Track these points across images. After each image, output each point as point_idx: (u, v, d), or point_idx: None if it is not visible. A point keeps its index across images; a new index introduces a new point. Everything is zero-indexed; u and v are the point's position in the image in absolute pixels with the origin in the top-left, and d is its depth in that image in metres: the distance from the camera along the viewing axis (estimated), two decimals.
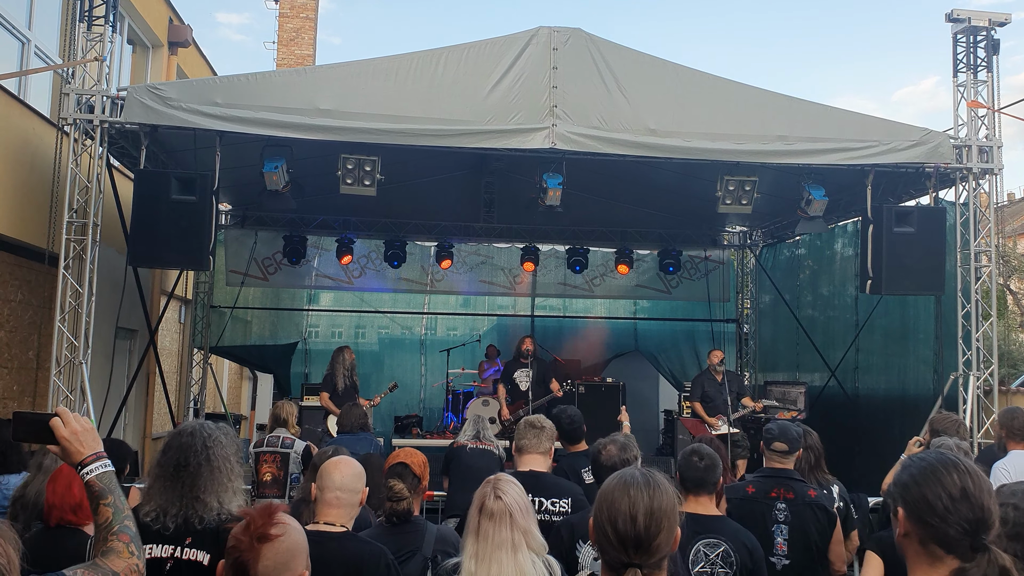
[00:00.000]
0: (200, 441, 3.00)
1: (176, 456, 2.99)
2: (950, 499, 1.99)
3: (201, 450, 2.98)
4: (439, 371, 13.43)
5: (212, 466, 2.98)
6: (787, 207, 10.65)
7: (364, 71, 8.12)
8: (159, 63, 13.00)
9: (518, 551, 2.92)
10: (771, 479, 4.62)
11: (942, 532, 2.00)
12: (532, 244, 13.39)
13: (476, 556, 2.92)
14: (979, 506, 1.99)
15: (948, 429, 5.60)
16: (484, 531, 2.94)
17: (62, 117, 8.12)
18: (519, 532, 2.93)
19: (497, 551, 2.90)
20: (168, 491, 2.96)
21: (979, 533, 1.98)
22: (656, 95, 8.41)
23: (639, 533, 2.11)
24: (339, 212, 12.74)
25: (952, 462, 2.06)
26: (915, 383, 10.39)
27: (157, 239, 7.87)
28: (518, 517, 2.96)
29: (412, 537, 3.65)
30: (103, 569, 2.25)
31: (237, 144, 8.27)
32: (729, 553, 3.80)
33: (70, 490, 3.36)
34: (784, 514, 4.46)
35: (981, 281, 9.11)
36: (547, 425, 4.63)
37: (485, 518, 2.95)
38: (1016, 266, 26.74)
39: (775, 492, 4.53)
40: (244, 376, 20.76)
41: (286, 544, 2.13)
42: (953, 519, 1.98)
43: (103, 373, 8.98)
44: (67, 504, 3.35)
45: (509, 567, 2.88)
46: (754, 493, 4.59)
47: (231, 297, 13.21)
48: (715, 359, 10.51)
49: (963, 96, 9.19)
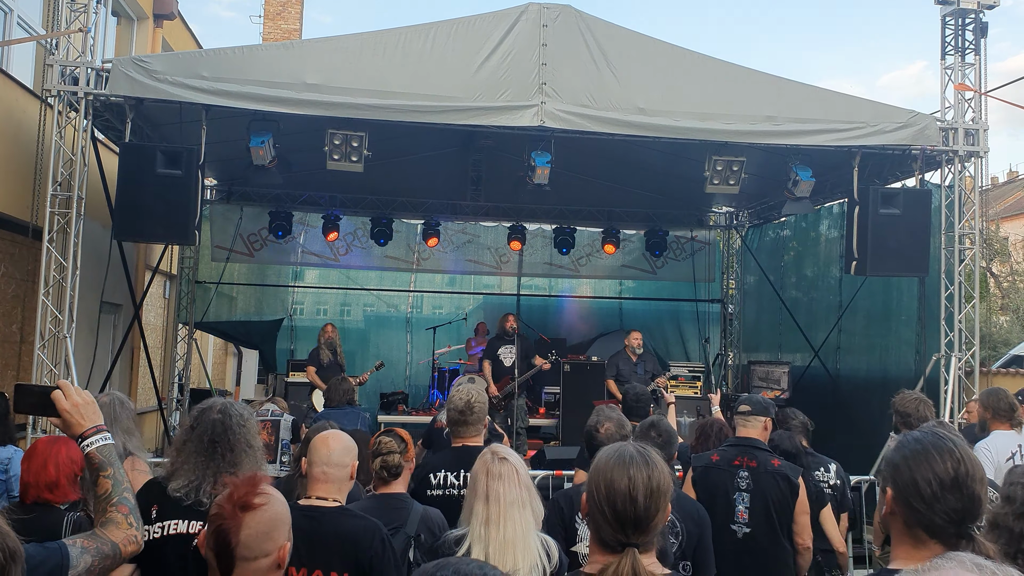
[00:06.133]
0: (233, 419, 3.03)
1: (211, 431, 3.01)
2: (940, 486, 1.97)
3: (236, 428, 3.01)
4: (425, 349, 13.45)
5: (244, 443, 3.01)
6: (774, 188, 10.69)
7: (352, 46, 8.06)
8: (144, 35, 12.85)
9: (525, 508, 3.00)
10: (735, 447, 4.65)
11: (927, 518, 1.98)
12: (519, 223, 13.39)
13: (487, 521, 2.96)
14: (968, 495, 1.97)
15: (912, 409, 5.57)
16: (495, 492, 2.99)
17: (46, 89, 8.03)
18: (525, 489, 3.03)
19: (510, 509, 2.97)
20: (202, 467, 2.97)
21: (965, 522, 1.97)
22: (646, 74, 8.39)
23: (639, 513, 2.11)
24: (325, 188, 12.69)
25: (947, 448, 2.03)
26: (897, 364, 10.48)
27: (142, 213, 7.81)
28: (523, 475, 3.07)
29: (398, 513, 3.66)
30: (102, 539, 2.27)
31: (223, 118, 8.20)
32: (675, 523, 3.78)
33: (45, 468, 3.35)
34: (746, 482, 4.48)
35: (964, 264, 9.18)
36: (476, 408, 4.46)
37: (493, 480, 3.02)
38: (998, 249, 26.98)
39: (738, 460, 4.55)
40: (229, 352, 20.72)
41: (268, 514, 2.13)
42: (939, 507, 1.97)
43: (87, 347, 8.94)
44: (43, 482, 3.35)
45: (521, 526, 2.94)
46: (718, 461, 4.62)
47: (216, 272, 13.15)
48: (633, 340, 10.74)
49: (950, 79, 9.22)
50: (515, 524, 2.94)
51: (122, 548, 2.29)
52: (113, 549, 2.26)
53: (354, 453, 3.37)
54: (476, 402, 4.45)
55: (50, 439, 3.48)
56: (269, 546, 2.11)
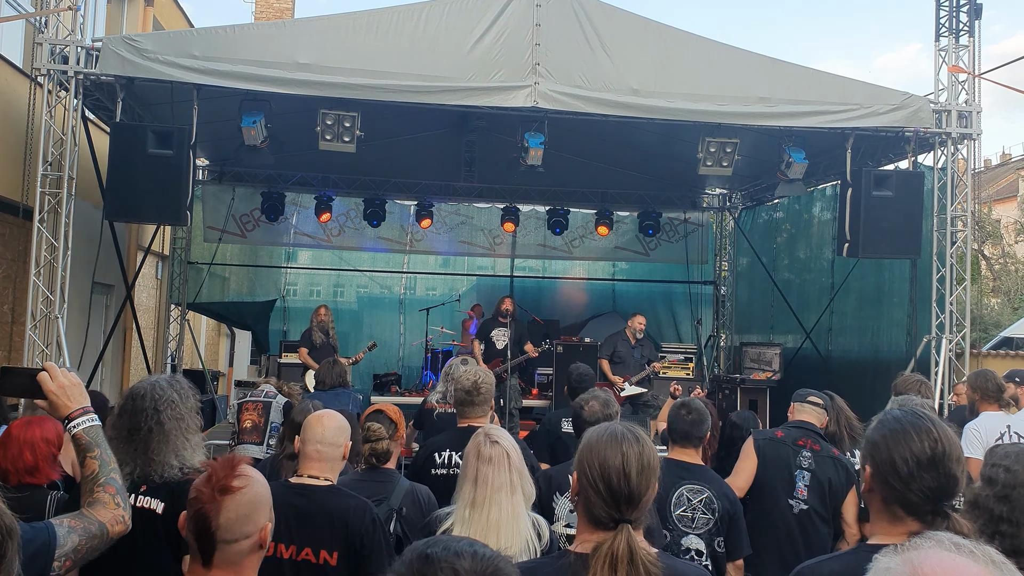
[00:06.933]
0: (151, 404, 2.95)
1: (128, 420, 2.97)
2: (916, 464, 2.01)
3: (152, 414, 2.94)
4: (418, 330, 13.45)
5: (164, 428, 2.94)
6: (767, 169, 10.69)
7: (344, 25, 8.01)
8: (135, 14, 12.76)
9: (515, 493, 3.00)
10: (799, 429, 4.77)
11: (904, 495, 2.03)
12: (512, 204, 13.37)
13: (472, 503, 2.97)
14: (944, 474, 2.01)
15: (911, 389, 5.70)
16: (483, 476, 2.99)
17: (35, 68, 7.97)
18: (516, 473, 3.02)
19: (497, 494, 2.97)
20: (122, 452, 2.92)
21: (940, 500, 2.01)
22: (639, 55, 8.36)
23: (632, 490, 2.13)
24: (318, 169, 12.64)
25: (925, 427, 2.06)
26: (888, 345, 10.53)
27: (134, 193, 7.79)
28: (515, 459, 3.06)
29: (383, 487, 3.69)
30: (89, 519, 2.27)
31: (215, 98, 8.16)
32: (712, 500, 3.91)
33: (22, 455, 3.33)
34: (809, 462, 4.60)
35: (956, 246, 9.21)
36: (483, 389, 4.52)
37: (483, 463, 3.02)
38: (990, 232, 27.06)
39: (802, 441, 4.67)
40: (222, 332, 20.70)
41: (248, 496, 2.12)
42: (916, 485, 2.01)
43: (79, 328, 8.93)
44: (21, 468, 3.33)
45: (508, 510, 2.94)
46: (783, 437, 4.74)
47: (208, 253, 13.13)
48: (636, 324, 10.73)
49: (944, 61, 9.21)
50: (501, 508, 2.94)
51: (109, 528, 2.29)
52: (100, 529, 2.27)
53: (347, 433, 3.38)
54: (483, 383, 4.50)
55: (23, 422, 3.44)
56: (249, 528, 2.11)
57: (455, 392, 4.57)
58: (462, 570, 1.41)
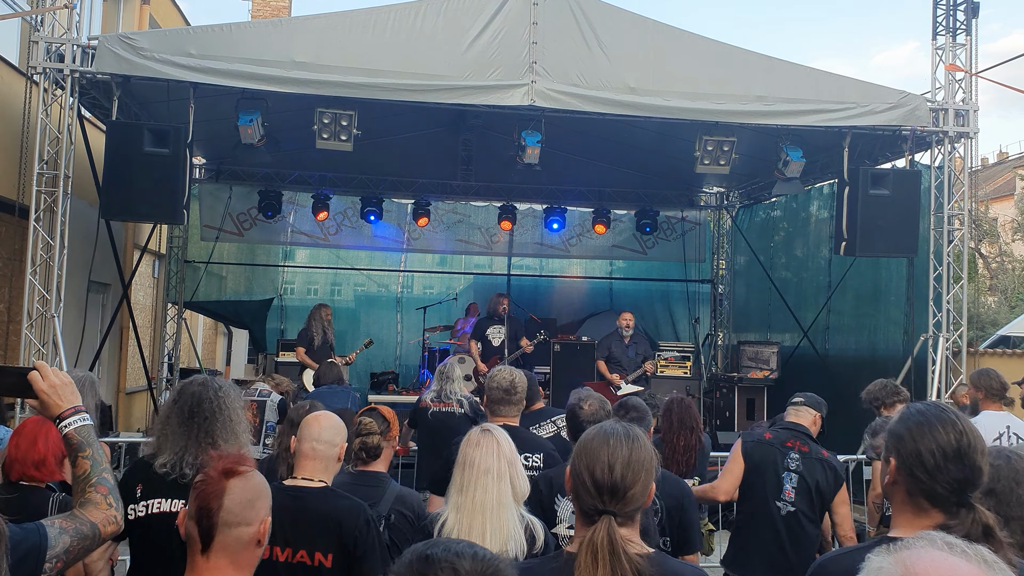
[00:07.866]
0: (212, 391, 3.04)
1: (189, 402, 3.03)
2: (943, 456, 2.02)
3: (214, 398, 3.02)
4: (415, 329, 13.44)
5: (224, 414, 3.02)
6: (764, 168, 10.68)
7: (341, 23, 8.00)
8: (131, 12, 12.73)
9: (501, 480, 2.99)
10: (788, 431, 4.78)
11: (930, 487, 2.04)
12: (509, 203, 13.35)
13: (461, 486, 2.99)
14: (970, 465, 2.03)
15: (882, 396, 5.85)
16: (470, 459, 3.01)
17: (31, 66, 7.94)
18: (505, 462, 3.02)
19: (483, 477, 2.97)
20: (182, 437, 2.98)
21: (966, 491, 2.02)
22: (636, 53, 8.35)
23: (615, 481, 2.14)
24: (315, 167, 12.62)
25: (950, 419, 2.08)
26: (885, 344, 10.53)
27: (130, 192, 7.77)
28: (507, 449, 3.06)
29: (374, 491, 3.66)
30: (81, 519, 2.27)
31: (211, 96, 8.14)
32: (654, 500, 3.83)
33: (34, 446, 3.34)
34: (796, 463, 4.61)
35: (953, 244, 9.21)
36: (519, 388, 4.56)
37: (471, 447, 3.05)
38: (987, 230, 27.09)
39: (791, 443, 4.68)
40: (219, 331, 20.69)
41: (253, 482, 2.18)
42: (942, 477, 2.02)
43: (76, 327, 8.91)
44: (30, 459, 3.33)
45: (493, 494, 2.93)
46: (771, 439, 4.75)
47: (205, 252, 13.10)
48: (622, 321, 10.77)
49: (941, 59, 9.21)
50: (486, 491, 2.94)
51: (101, 528, 2.28)
52: (92, 529, 2.26)
53: (344, 435, 3.37)
54: (520, 383, 4.51)
55: (39, 419, 3.46)
56: (251, 515, 2.14)
57: (490, 390, 4.54)
58: (462, 570, 1.43)
